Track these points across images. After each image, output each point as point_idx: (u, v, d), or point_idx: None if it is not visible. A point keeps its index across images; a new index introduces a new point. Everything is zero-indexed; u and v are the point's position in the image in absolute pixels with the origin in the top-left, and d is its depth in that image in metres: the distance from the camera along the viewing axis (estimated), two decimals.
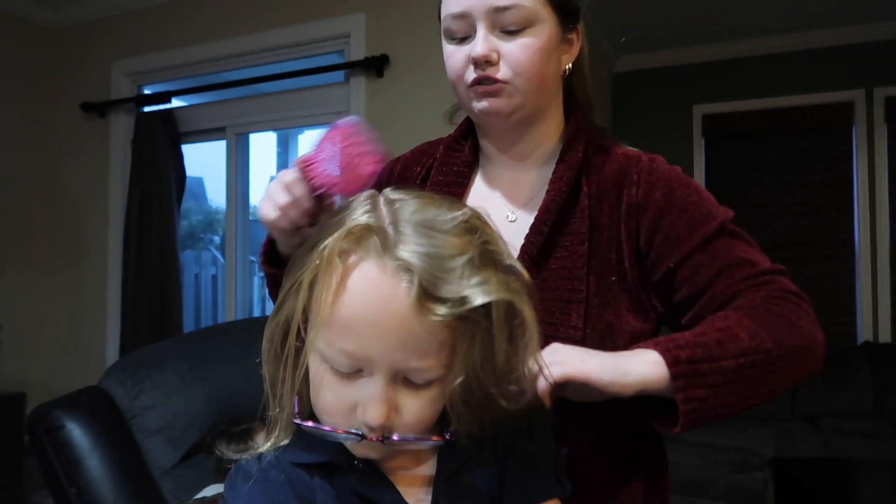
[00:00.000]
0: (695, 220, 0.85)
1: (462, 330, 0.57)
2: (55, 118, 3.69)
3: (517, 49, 0.84)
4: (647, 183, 0.87)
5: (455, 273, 0.55)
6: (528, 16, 0.84)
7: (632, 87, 4.56)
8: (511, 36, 0.84)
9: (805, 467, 3.00)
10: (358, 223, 0.57)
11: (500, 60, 0.85)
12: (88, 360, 3.51)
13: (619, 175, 0.89)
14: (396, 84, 2.88)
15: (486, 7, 0.83)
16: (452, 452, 0.64)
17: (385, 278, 0.55)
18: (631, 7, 3.72)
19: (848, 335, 4.08)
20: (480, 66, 0.85)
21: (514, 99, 0.86)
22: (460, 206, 0.61)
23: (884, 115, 4.02)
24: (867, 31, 4.00)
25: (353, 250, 0.57)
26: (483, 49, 0.84)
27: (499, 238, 0.61)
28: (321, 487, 0.62)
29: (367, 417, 0.57)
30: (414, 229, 0.56)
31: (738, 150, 4.37)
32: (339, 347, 0.57)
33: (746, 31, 4.12)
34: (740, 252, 0.85)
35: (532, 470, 0.67)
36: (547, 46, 0.86)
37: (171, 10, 3.41)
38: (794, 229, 4.23)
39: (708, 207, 0.87)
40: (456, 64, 0.88)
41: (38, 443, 1.48)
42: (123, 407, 1.64)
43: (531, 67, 0.85)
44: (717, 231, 0.85)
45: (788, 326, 0.76)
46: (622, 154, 0.93)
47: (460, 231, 0.57)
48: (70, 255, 3.65)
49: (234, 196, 3.43)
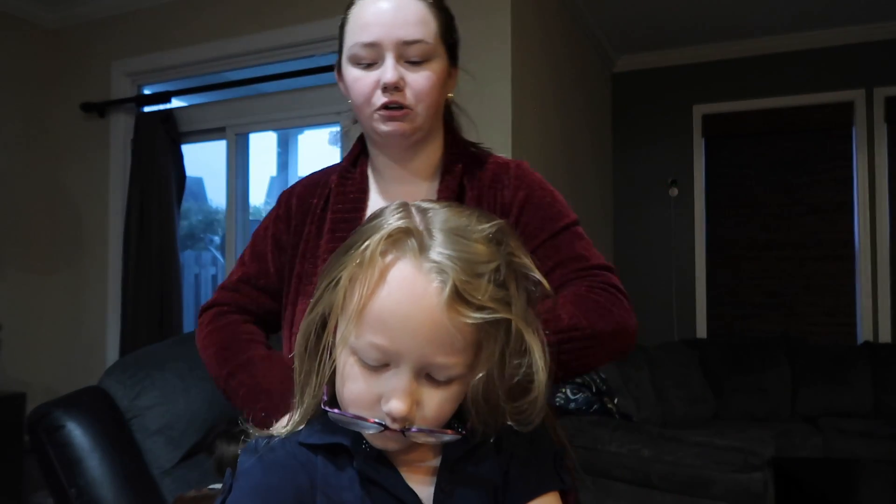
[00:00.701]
0: (546, 218, 1.01)
1: (487, 331, 0.61)
2: (55, 118, 3.69)
3: (420, 78, 0.96)
4: (514, 186, 1.02)
5: (484, 279, 0.60)
6: (429, 51, 0.96)
7: (632, 87, 4.57)
8: (414, 66, 0.96)
9: (805, 467, 3.01)
10: (397, 226, 0.62)
11: (406, 87, 0.96)
12: (88, 360, 3.51)
13: (493, 180, 1.03)
14: None
15: (395, 40, 0.94)
16: (457, 443, 0.67)
17: (420, 276, 0.59)
18: (631, 7, 3.72)
19: (848, 335, 4.08)
20: (389, 91, 0.95)
21: (414, 123, 0.98)
22: (488, 218, 0.66)
23: (884, 115, 4.02)
24: (867, 31, 4.00)
25: (390, 251, 0.61)
26: (394, 76, 0.94)
27: (523, 251, 0.66)
28: (324, 466, 0.66)
29: (392, 408, 0.61)
30: (446, 236, 0.61)
31: (738, 150, 4.37)
32: (371, 341, 0.61)
33: (746, 31, 4.12)
34: (579, 248, 1.00)
35: (533, 464, 0.70)
36: (441, 78, 0.99)
37: (171, 10, 3.41)
38: (794, 229, 4.23)
39: (559, 209, 1.03)
40: (364, 88, 0.97)
41: (39, 443, 1.48)
42: (123, 407, 1.64)
43: (430, 95, 0.97)
44: (562, 228, 1.01)
45: (603, 312, 0.91)
46: (493, 162, 1.07)
47: (489, 241, 0.63)
48: (70, 255, 3.64)
49: (234, 196, 3.43)
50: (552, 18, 3.33)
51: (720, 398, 3.85)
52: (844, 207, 4.13)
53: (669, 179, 4.43)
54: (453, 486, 0.67)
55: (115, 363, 1.79)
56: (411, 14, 0.95)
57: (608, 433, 2.39)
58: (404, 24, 0.95)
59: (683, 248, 4.41)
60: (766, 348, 3.93)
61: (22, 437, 3.02)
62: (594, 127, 4.19)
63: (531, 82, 3.00)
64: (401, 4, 0.96)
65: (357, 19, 0.98)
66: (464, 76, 1.10)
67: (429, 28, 0.96)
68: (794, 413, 3.75)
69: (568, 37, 3.61)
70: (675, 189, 4.41)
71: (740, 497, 2.08)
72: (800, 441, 3.43)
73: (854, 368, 3.71)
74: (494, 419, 0.66)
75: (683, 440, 2.26)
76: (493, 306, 0.59)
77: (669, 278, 4.42)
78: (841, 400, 3.67)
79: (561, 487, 0.71)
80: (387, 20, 0.95)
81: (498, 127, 2.73)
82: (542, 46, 3.17)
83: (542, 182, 1.06)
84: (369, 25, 0.95)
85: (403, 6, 0.96)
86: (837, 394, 3.68)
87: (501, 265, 0.61)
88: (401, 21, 0.95)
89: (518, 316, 0.61)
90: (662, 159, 4.48)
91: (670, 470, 2.20)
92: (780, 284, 4.24)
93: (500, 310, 0.60)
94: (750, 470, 2.09)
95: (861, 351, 3.79)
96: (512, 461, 0.70)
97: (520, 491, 0.69)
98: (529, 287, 0.65)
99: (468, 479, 0.68)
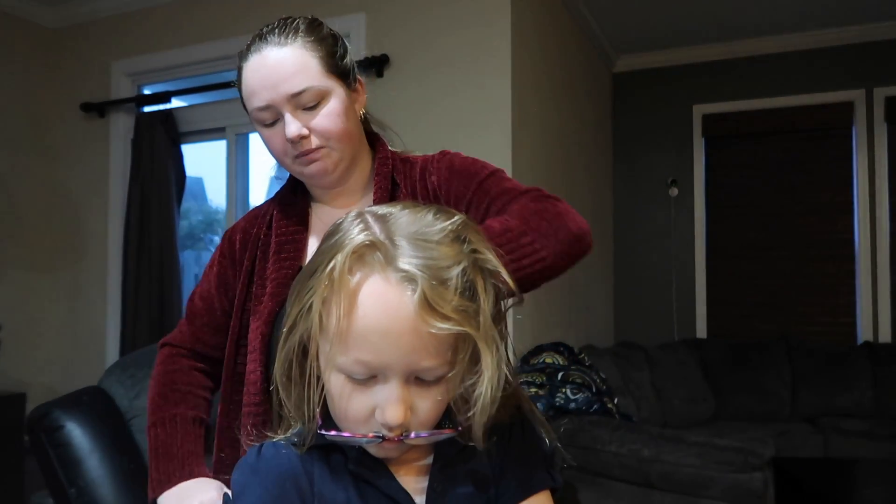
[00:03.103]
0: (470, 175, 1.04)
1: (460, 335, 0.62)
2: (55, 118, 3.69)
3: (321, 120, 0.99)
4: (437, 169, 1.06)
5: (451, 285, 0.60)
6: (320, 91, 0.99)
7: (632, 87, 4.56)
8: (312, 111, 0.99)
9: (805, 467, 3.00)
10: (360, 241, 0.62)
11: (311, 133, 0.99)
12: (88, 360, 3.51)
13: (422, 173, 1.07)
14: (396, 84, 2.88)
15: (284, 96, 0.97)
16: (449, 442, 0.68)
17: (391, 289, 0.60)
18: (631, 7, 3.72)
19: (848, 335, 4.08)
20: (297, 143, 0.99)
21: (332, 157, 1.01)
22: (446, 214, 0.66)
23: (884, 115, 4.02)
24: (867, 31, 4.00)
25: (358, 267, 0.61)
26: (295, 130, 0.97)
27: (485, 244, 0.66)
28: (318, 467, 0.67)
29: (388, 418, 0.61)
30: (409, 242, 0.61)
31: (738, 150, 4.37)
32: (356, 358, 0.61)
33: (746, 31, 4.12)
34: (508, 185, 1.02)
35: (525, 463, 0.71)
36: (343, 108, 1.01)
37: (171, 10, 3.41)
38: (794, 229, 4.23)
39: (481, 164, 1.06)
40: (277, 145, 1.02)
41: (38, 443, 1.48)
42: (123, 407, 1.64)
43: (337, 130, 1.00)
44: (487, 176, 1.04)
45: (537, 210, 0.94)
46: (422, 159, 1.10)
47: (451, 240, 0.63)
48: (70, 255, 3.64)
49: (234, 196, 3.43)
50: (552, 19, 3.33)
51: (720, 398, 3.85)
52: (844, 207, 4.13)
53: (669, 179, 4.43)
54: (445, 486, 0.68)
55: (115, 363, 1.79)
56: (289, 66, 0.97)
57: (608, 433, 2.39)
58: (286, 78, 0.97)
59: (683, 249, 4.41)
60: (766, 348, 3.93)
61: (22, 437, 3.01)
62: (594, 127, 4.19)
63: (531, 82, 3.00)
64: (278, 60, 0.98)
65: (247, 87, 1.01)
66: (465, 75, 1.12)
67: (310, 71, 0.98)
68: (794, 413, 3.75)
69: (568, 37, 3.61)
70: (675, 189, 4.41)
71: (740, 497, 2.08)
72: (800, 441, 3.43)
73: (854, 368, 3.71)
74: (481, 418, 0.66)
75: (683, 440, 2.26)
76: (457, 318, 0.59)
77: (669, 278, 4.42)
78: (841, 400, 3.67)
79: (552, 486, 0.72)
80: (270, 81, 0.97)
81: (498, 127, 2.73)
82: (542, 47, 3.17)
83: (459, 156, 1.09)
84: (257, 91, 0.99)
85: (281, 61, 0.98)
86: (837, 394, 3.68)
87: (467, 266, 0.62)
88: (282, 77, 0.97)
89: (480, 331, 0.61)
90: (662, 159, 4.48)
91: (670, 470, 2.20)
92: (780, 284, 4.24)
93: (464, 323, 0.60)
94: (750, 470, 2.09)
95: (861, 351, 3.79)
96: (505, 460, 0.71)
97: (512, 490, 0.70)
98: (497, 284, 0.65)
99: (460, 479, 0.69)
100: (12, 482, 2.97)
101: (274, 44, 1.00)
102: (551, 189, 1.03)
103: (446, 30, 2.81)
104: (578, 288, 3.76)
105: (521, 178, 3.07)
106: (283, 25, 1.02)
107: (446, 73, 2.79)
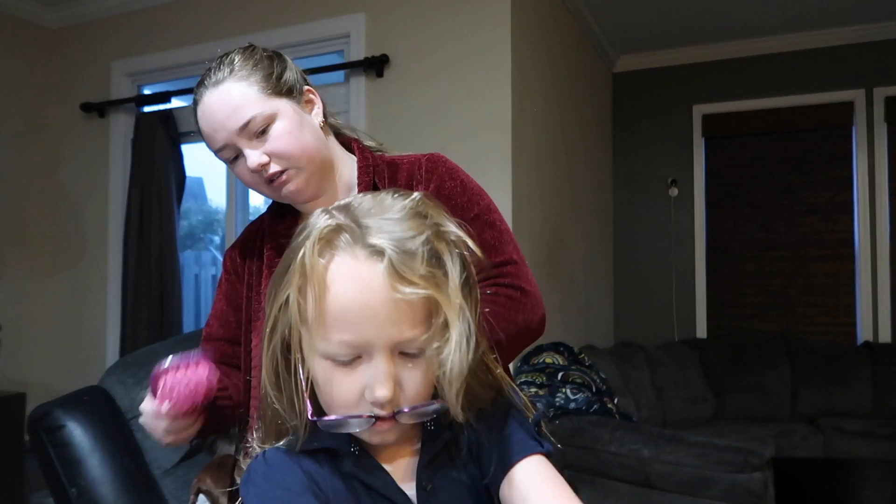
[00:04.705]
0: (457, 207, 1.03)
1: (433, 302, 0.62)
2: (55, 118, 3.69)
3: (275, 142, 1.00)
4: (426, 180, 1.06)
5: (417, 254, 0.61)
6: (265, 116, 1.00)
7: (632, 87, 4.56)
8: (265, 135, 1.00)
9: (805, 467, 3.01)
10: (325, 226, 0.64)
11: (271, 158, 1.00)
12: (88, 360, 3.51)
13: (408, 179, 1.07)
14: (396, 84, 2.88)
15: (232, 132, 0.99)
16: (434, 438, 0.69)
17: (360, 265, 0.61)
18: (631, 7, 3.72)
19: (848, 335, 4.08)
20: (261, 171, 1.01)
21: (301, 176, 1.02)
22: (404, 195, 0.68)
23: (884, 115, 4.02)
24: (867, 31, 4.00)
25: (326, 251, 0.63)
26: (254, 160, 1.00)
27: (446, 217, 0.67)
28: (316, 471, 0.67)
29: (377, 394, 0.62)
30: (374, 221, 0.63)
31: (738, 150, 4.37)
32: (338, 339, 0.62)
33: (746, 31, 4.12)
34: (488, 237, 1.03)
35: (507, 436, 0.71)
36: (294, 124, 1.02)
37: (171, 10, 3.41)
38: (794, 229, 4.23)
39: (469, 197, 1.06)
40: (246, 178, 1.04)
41: (39, 443, 1.48)
42: (124, 406, 1.64)
43: (293, 149, 1.01)
44: (472, 219, 1.03)
45: (501, 320, 0.97)
46: (407, 161, 1.09)
47: (413, 216, 0.65)
48: (70, 255, 3.64)
49: (234, 196, 3.43)
50: (552, 19, 3.33)
51: (720, 398, 3.85)
52: (844, 207, 4.13)
53: (669, 179, 4.43)
54: (434, 483, 0.68)
55: (116, 363, 1.79)
56: (228, 102, 0.99)
57: (608, 433, 2.39)
58: (229, 115, 0.99)
59: (683, 248, 4.41)
60: (766, 348, 3.93)
61: (22, 437, 3.01)
62: (594, 127, 4.19)
63: (531, 83, 3.00)
64: (217, 101, 1.00)
65: (204, 134, 1.04)
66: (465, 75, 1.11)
67: (250, 100, 0.99)
68: (794, 413, 3.75)
69: (568, 37, 3.61)
70: (675, 189, 4.41)
71: (740, 497, 2.08)
72: (800, 441, 3.43)
73: (854, 368, 3.71)
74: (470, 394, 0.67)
75: (683, 440, 2.26)
76: (424, 284, 0.60)
77: (669, 278, 4.42)
78: (841, 400, 3.67)
79: (541, 451, 0.70)
80: (217, 123, 1.00)
81: (498, 128, 2.73)
82: (543, 47, 3.17)
83: (452, 171, 1.08)
84: (210, 135, 1.02)
85: (219, 100, 1.00)
86: (837, 394, 3.68)
87: (430, 235, 0.63)
88: (226, 114, 0.99)
89: (446, 295, 0.62)
90: (662, 159, 4.48)
91: (670, 470, 2.20)
92: (780, 284, 4.24)
93: (431, 287, 0.61)
94: (750, 470, 2.09)
95: (861, 351, 3.79)
96: (488, 434, 0.70)
97: (497, 463, 0.69)
98: (463, 252, 0.66)
99: (447, 474, 0.69)
100: (12, 482, 2.97)
101: (212, 86, 1.01)
102: (551, 188, 1.04)
103: (446, 30, 2.81)
104: (578, 288, 3.76)
105: (521, 179, 3.05)
106: (218, 65, 1.03)
107: (446, 73, 2.79)
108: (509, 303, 1.00)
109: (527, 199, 2.90)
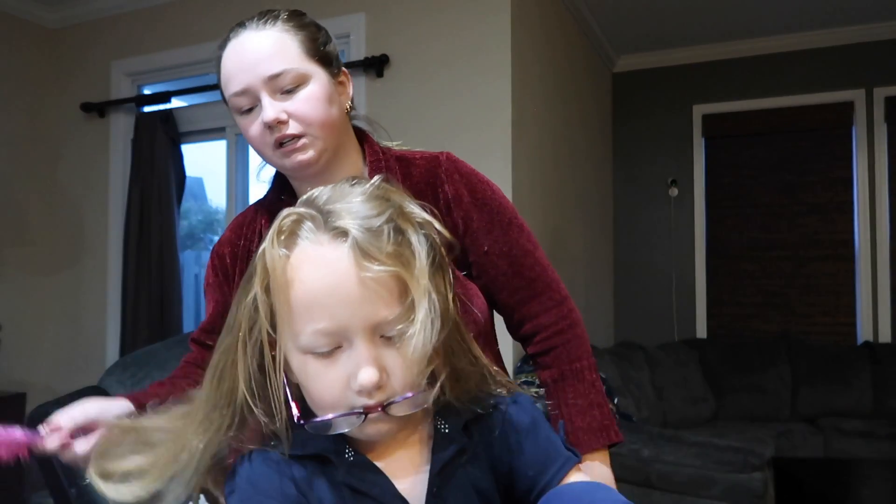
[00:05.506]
0: (493, 213, 1.04)
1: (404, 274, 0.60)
2: (55, 118, 3.69)
3: (300, 104, 0.95)
4: (453, 181, 1.03)
5: (382, 233, 0.60)
6: (299, 74, 0.96)
7: (632, 87, 4.56)
8: (291, 94, 0.96)
9: (805, 467, 3.01)
10: (287, 218, 0.63)
11: (290, 118, 0.96)
12: (88, 360, 3.51)
13: (428, 176, 1.03)
14: (396, 84, 2.88)
15: (261, 78, 0.95)
16: (445, 443, 0.66)
17: (325, 249, 0.60)
18: (631, 7, 3.72)
19: (848, 335, 4.08)
20: (274, 128, 0.95)
21: (316, 147, 0.97)
22: (363, 182, 0.67)
23: (884, 115, 4.02)
24: (867, 31, 4.00)
25: (289, 242, 0.62)
26: (272, 113, 0.94)
27: (408, 199, 0.66)
28: (308, 478, 0.64)
29: (363, 381, 0.59)
30: (335, 206, 0.62)
31: (738, 150, 4.37)
32: (313, 329, 0.60)
33: (746, 31, 4.12)
34: (525, 243, 1.05)
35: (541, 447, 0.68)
36: (324, 94, 0.98)
37: (171, 10, 3.41)
38: (794, 229, 4.23)
39: (499, 201, 1.06)
40: (255, 133, 0.98)
41: None
42: None
43: (318, 115, 0.96)
44: (507, 224, 1.04)
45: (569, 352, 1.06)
46: (421, 158, 1.06)
47: (375, 198, 0.64)
48: (70, 255, 3.64)
49: (234, 196, 3.43)
50: (552, 18, 3.33)
51: (720, 398, 3.85)
52: (844, 207, 4.13)
53: (669, 179, 4.43)
54: (445, 490, 0.65)
55: (115, 363, 1.79)
56: (267, 48, 0.96)
57: None
58: (262, 60, 0.95)
59: (683, 248, 4.41)
60: (766, 348, 3.93)
61: None
62: (594, 127, 4.19)
63: (531, 82, 3.00)
64: (255, 42, 0.97)
65: (224, 73, 1.00)
66: (465, 75, 1.10)
67: (289, 54, 0.96)
68: (794, 413, 3.75)
69: (568, 37, 3.61)
70: (675, 189, 4.41)
71: (740, 497, 2.08)
72: (800, 441, 3.43)
73: (854, 368, 3.71)
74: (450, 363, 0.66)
75: (683, 440, 2.26)
76: (390, 261, 0.59)
77: (669, 278, 4.42)
78: (841, 400, 3.67)
79: (576, 461, 0.69)
80: (247, 64, 0.96)
81: (498, 127, 2.73)
82: (542, 46, 3.17)
83: (477, 174, 1.08)
84: (234, 75, 0.98)
85: (258, 43, 0.96)
86: (837, 394, 3.68)
87: (393, 214, 0.62)
88: (259, 59, 0.95)
89: (411, 272, 0.60)
90: (662, 159, 4.48)
91: (670, 470, 2.20)
92: (780, 284, 4.24)
93: (397, 265, 0.59)
94: (750, 470, 2.09)
95: (861, 351, 3.79)
96: (512, 455, 0.68)
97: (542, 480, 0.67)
98: (431, 234, 0.64)
99: (459, 481, 0.66)
100: (12, 482, 2.97)
101: (252, 29, 0.98)
102: (551, 189, 1.04)
103: (446, 29, 2.81)
104: (578, 288, 3.76)
105: (521, 179, 3.05)
106: (263, 13, 1.00)
107: (446, 73, 2.79)
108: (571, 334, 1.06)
109: (527, 200, 2.90)
